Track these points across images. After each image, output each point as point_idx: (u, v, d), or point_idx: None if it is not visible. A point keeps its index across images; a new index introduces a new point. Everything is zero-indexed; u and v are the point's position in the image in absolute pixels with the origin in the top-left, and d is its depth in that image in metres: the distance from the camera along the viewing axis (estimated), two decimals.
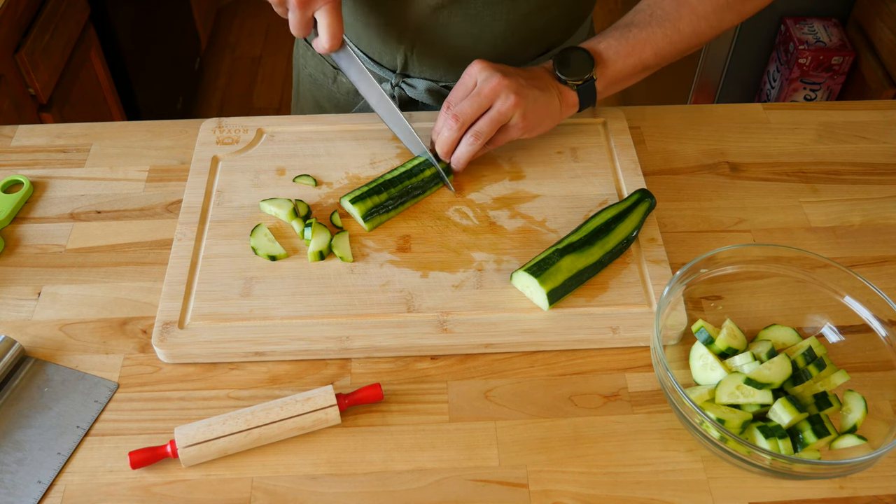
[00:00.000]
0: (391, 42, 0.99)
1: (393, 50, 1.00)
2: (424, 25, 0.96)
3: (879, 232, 0.89)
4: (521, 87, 0.84)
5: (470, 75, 0.86)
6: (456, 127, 0.85)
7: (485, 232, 0.86)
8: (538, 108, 0.86)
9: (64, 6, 1.75)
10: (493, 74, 0.84)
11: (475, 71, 0.85)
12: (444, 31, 0.96)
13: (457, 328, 0.77)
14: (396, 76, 1.02)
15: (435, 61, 1.00)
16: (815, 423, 0.68)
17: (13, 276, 0.84)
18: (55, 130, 1.00)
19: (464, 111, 0.84)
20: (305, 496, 0.68)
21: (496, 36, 0.96)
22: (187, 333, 0.77)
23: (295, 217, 0.86)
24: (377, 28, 0.99)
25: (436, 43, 0.98)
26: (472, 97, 0.84)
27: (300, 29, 0.86)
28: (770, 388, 0.69)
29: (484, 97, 0.84)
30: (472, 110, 0.84)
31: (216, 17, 3.02)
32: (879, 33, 1.90)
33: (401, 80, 1.02)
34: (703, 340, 0.74)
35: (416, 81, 1.02)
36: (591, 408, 0.74)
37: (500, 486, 0.68)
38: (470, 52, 0.97)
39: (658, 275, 0.81)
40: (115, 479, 0.69)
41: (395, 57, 1.01)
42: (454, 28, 0.95)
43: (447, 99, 0.87)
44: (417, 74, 1.02)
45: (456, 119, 0.85)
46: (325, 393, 0.71)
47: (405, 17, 0.96)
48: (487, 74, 0.84)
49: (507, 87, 0.83)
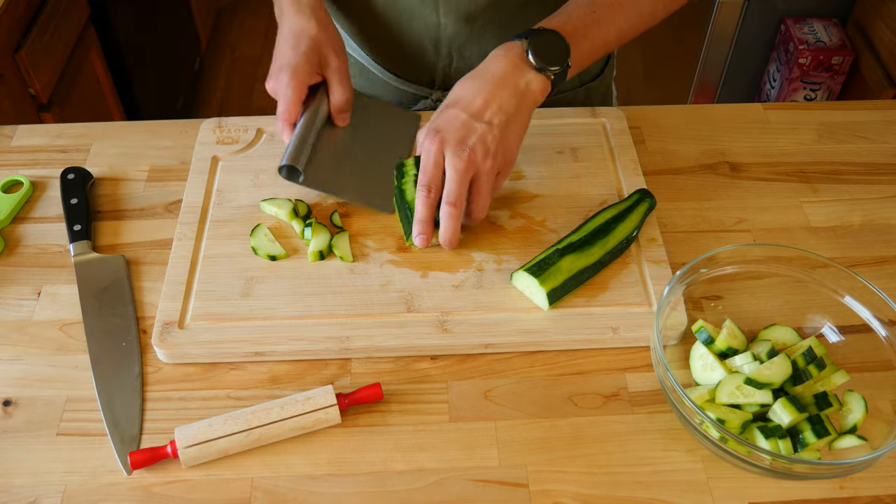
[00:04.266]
0: (427, 59, 1.00)
1: (430, 67, 1.00)
2: (459, 37, 0.96)
3: (879, 232, 0.89)
4: (462, 138, 0.78)
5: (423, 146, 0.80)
6: (427, 202, 0.80)
7: (485, 232, 0.86)
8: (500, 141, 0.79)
9: (64, 6, 1.75)
10: (432, 140, 0.78)
11: (421, 140, 0.80)
12: (479, 41, 0.96)
13: (457, 328, 0.77)
14: (436, 91, 1.03)
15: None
16: (815, 424, 0.68)
17: (13, 276, 0.84)
18: (55, 130, 1.00)
19: (424, 185, 0.79)
20: (305, 496, 0.68)
21: None
22: (187, 333, 0.77)
23: (295, 217, 0.86)
24: (411, 48, 0.99)
25: (472, 53, 0.98)
26: (422, 172, 0.79)
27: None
28: (770, 388, 0.69)
29: (432, 168, 0.78)
30: (433, 184, 0.79)
31: (216, 17, 3.02)
32: (879, 33, 1.90)
33: (441, 95, 1.03)
34: (703, 340, 0.74)
35: None
36: (591, 408, 0.74)
37: (500, 486, 0.68)
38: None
39: (658, 275, 0.81)
40: (115, 479, 0.69)
41: (432, 74, 1.01)
42: (488, 36, 0.96)
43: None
44: None
45: (427, 193, 0.79)
46: (325, 393, 0.71)
47: (439, 33, 0.96)
48: (428, 142, 0.78)
49: (449, 146, 0.78)
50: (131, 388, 0.74)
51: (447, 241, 0.81)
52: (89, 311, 0.80)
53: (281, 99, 0.84)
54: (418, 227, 0.81)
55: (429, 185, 0.79)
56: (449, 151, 0.77)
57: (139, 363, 0.76)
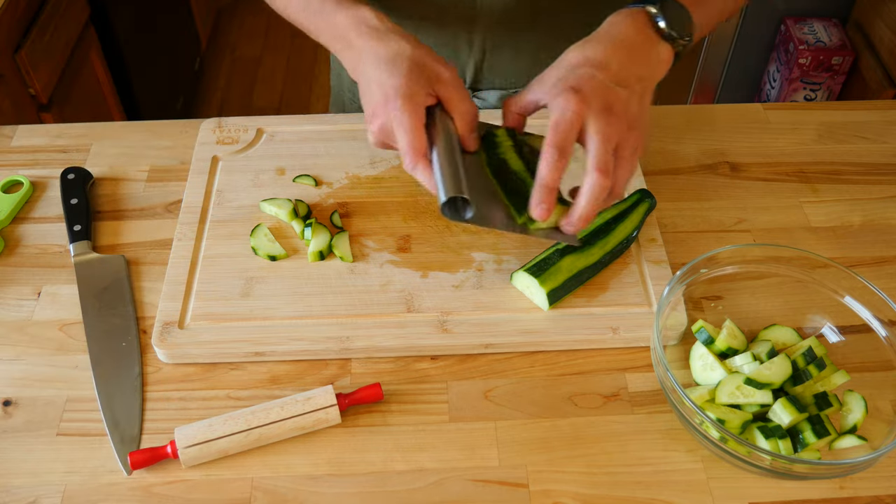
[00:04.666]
0: (460, 57, 0.99)
1: (462, 65, 1.00)
2: (494, 35, 0.96)
3: (879, 232, 0.89)
4: (608, 103, 0.68)
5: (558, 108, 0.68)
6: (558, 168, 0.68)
7: (485, 232, 0.86)
8: (640, 112, 0.71)
9: (64, 6, 1.74)
10: (569, 98, 0.67)
11: (547, 94, 0.70)
12: (514, 38, 0.96)
13: (457, 328, 0.77)
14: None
15: (505, 70, 0.99)
16: (815, 424, 0.68)
17: (13, 276, 0.84)
18: (55, 130, 1.00)
19: (555, 145, 0.68)
20: (305, 496, 0.68)
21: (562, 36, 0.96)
22: (187, 333, 0.77)
23: (295, 217, 0.86)
24: (444, 46, 0.98)
25: (506, 50, 0.97)
26: (555, 130, 0.68)
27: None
28: (770, 388, 0.69)
29: (569, 128, 0.68)
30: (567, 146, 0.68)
31: (216, 17, 3.02)
32: (879, 33, 1.90)
33: (471, 94, 1.02)
34: (703, 340, 0.74)
35: (487, 94, 1.02)
36: (591, 408, 0.74)
37: (500, 486, 0.68)
38: (539, 54, 0.98)
39: (658, 275, 0.81)
40: (115, 479, 0.69)
41: (464, 71, 1.00)
42: (523, 35, 0.95)
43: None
44: (487, 86, 1.02)
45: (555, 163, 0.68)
46: (325, 393, 0.71)
47: (474, 30, 0.95)
48: (564, 100, 0.67)
49: (592, 110, 0.67)
50: (131, 388, 0.74)
51: (586, 216, 0.69)
52: (89, 311, 0.80)
53: (399, 130, 0.69)
54: (542, 194, 0.67)
55: (562, 146, 0.67)
56: (592, 115, 0.67)
57: (139, 363, 0.76)
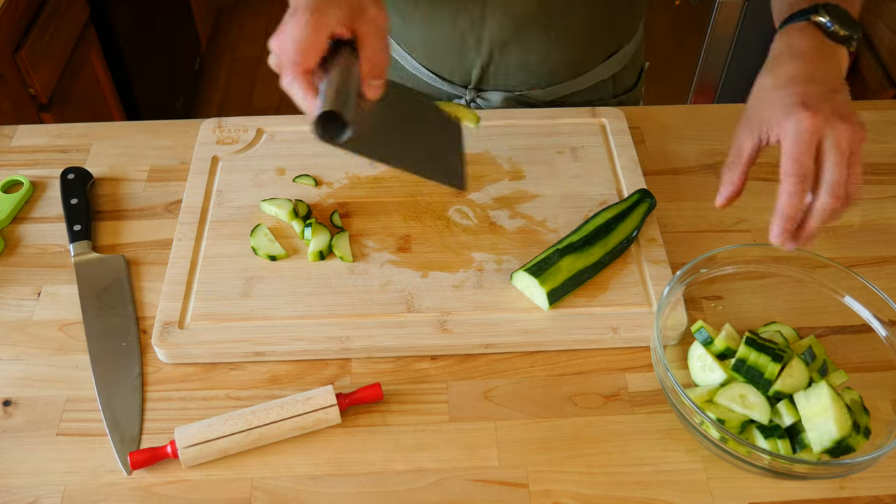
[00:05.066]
0: (467, 58, 0.99)
1: (468, 65, 1.00)
2: (503, 35, 0.96)
3: (879, 232, 0.89)
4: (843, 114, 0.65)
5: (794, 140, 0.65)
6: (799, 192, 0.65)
7: (485, 232, 0.86)
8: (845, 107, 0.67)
9: (64, 6, 1.75)
10: (802, 114, 0.64)
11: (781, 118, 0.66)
12: (523, 40, 0.96)
13: (457, 328, 0.77)
14: (470, 91, 1.02)
15: (511, 72, 1.00)
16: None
17: (13, 276, 0.84)
18: (55, 130, 1.00)
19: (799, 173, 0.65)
20: (305, 496, 0.68)
21: (571, 39, 0.97)
22: (187, 333, 0.77)
23: (295, 217, 0.86)
24: (452, 45, 0.98)
25: (514, 51, 0.97)
26: (795, 157, 0.65)
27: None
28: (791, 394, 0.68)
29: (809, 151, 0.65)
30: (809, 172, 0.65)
31: (216, 17, 3.02)
32: (879, 33, 1.90)
33: (476, 95, 1.02)
34: (702, 341, 0.74)
35: (491, 94, 1.02)
36: (591, 408, 0.74)
37: (500, 486, 0.68)
38: (548, 57, 0.98)
39: (658, 275, 0.81)
40: (115, 479, 0.69)
41: (469, 72, 1.00)
42: (532, 36, 0.96)
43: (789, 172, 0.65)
44: (493, 87, 1.02)
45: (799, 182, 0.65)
46: (325, 393, 0.71)
47: (484, 32, 0.95)
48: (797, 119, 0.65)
49: (829, 123, 0.64)
50: (131, 388, 0.74)
51: (813, 235, 0.67)
52: (89, 311, 0.80)
53: (290, 42, 0.63)
54: (783, 224, 0.65)
55: (804, 172, 0.64)
56: (829, 128, 0.64)
57: (139, 363, 0.76)
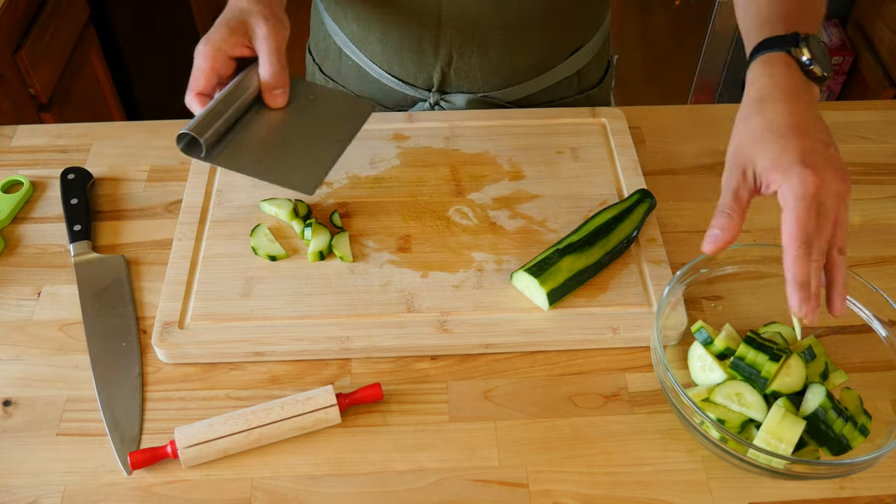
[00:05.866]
0: (427, 61, 0.99)
1: (429, 69, 1.00)
2: (460, 38, 0.96)
3: (879, 232, 0.89)
4: (839, 173, 0.64)
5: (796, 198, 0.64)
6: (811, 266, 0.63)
7: (485, 232, 0.86)
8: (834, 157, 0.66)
9: (64, 6, 1.74)
10: (804, 177, 0.63)
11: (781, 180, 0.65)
12: (481, 42, 0.96)
13: (457, 328, 0.77)
14: (434, 94, 1.02)
15: (473, 73, 1.00)
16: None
17: (13, 276, 0.84)
18: (55, 130, 1.00)
19: (805, 242, 0.63)
20: (305, 496, 0.68)
21: (531, 41, 0.97)
22: (187, 333, 0.77)
23: (295, 217, 0.86)
24: (411, 51, 0.99)
25: (474, 55, 0.98)
26: (801, 224, 0.63)
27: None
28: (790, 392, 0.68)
29: (816, 217, 0.63)
30: (815, 240, 0.63)
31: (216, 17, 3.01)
32: (879, 33, 1.90)
33: (440, 98, 1.02)
34: (702, 341, 0.74)
35: (455, 97, 1.02)
36: (591, 408, 0.74)
37: (500, 486, 0.68)
38: (508, 59, 0.98)
39: (658, 275, 0.81)
40: (115, 479, 0.69)
41: (431, 75, 1.01)
42: (493, 38, 0.96)
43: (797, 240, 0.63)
44: (455, 89, 1.02)
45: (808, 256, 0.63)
46: (325, 393, 0.71)
47: (442, 35, 0.96)
48: (799, 180, 0.63)
49: (829, 185, 0.63)
50: (131, 388, 0.74)
51: (842, 307, 0.65)
52: (89, 311, 0.80)
53: (193, 69, 0.78)
54: (802, 294, 0.63)
55: (809, 239, 0.62)
56: (829, 194, 0.63)
57: (139, 363, 0.76)
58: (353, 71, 1.06)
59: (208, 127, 0.76)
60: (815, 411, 0.66)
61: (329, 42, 1.07)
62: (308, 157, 0.80)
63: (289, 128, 0.81)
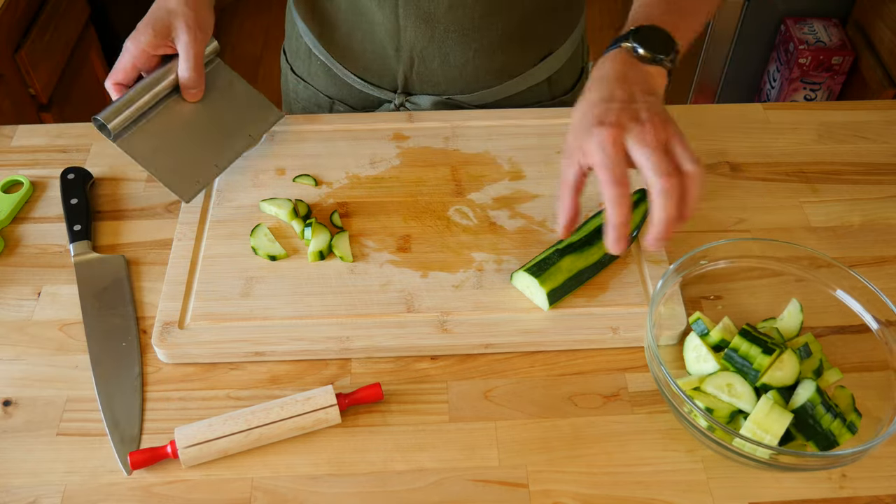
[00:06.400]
0: (389, 64, 0.99)
1: (392, 71, 1.00)
2: (420, 41, 0.96)
3: (879, 232, 0.89)
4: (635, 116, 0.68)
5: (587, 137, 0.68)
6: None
7: (485, 232, 0.86)
8: (664, 112, 0.70)
9: (64, 6, 1.75)
10: (600, 129, 0.67)
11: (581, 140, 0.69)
12: (441, 45, 0.96)
13: (457, 328, 0.77)
14: (399, 95, 1.02)
15: (436, 76, 1.00)
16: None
17: (13, 276, 0.84)
18: (55, 130, 1.00)
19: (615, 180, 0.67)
20: (305, 496, 0.68)
21: (493, 46, 0.97)
22: (187, 333, 0.77)
23: (295, 217, 0.86)
24: (374, 53, 0.99)
25: (435, 58, 0.98)
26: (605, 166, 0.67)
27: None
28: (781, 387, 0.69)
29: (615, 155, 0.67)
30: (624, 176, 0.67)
31: (216, 17, 3.02)
32: (879, 33, 1.90)
33: (405, 99, 1.02)
34: (699, 332, 0.74)
35: (419, 98, 1.02)
36: (591, 408, 0.74)
37: (500, 486, 0.68)
38: (470, 63, 0.98)
39: (658, 275, 0.81)
40: (115, 479, 0.69)
41: (395, 77, 1.01)
42: (450, 40, 0.96)
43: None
44: (420, 91, 1.02)
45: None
46: (325, 393, 0.71)
47: (402, 38, 0.96)
48: (598, 135, 0.67)
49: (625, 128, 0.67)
50: (131, 388, 0.74)
51: (667, 232, 0.67)
52: (89, 311, 0.80)
53: (116, 62, 0.86)
54: (617, 233, 0.67)
55: (618, 178, 0.66)
56: (628, 133, 0.66)
57: (139, 363, 0.76)
58: (321, 70, 1.06)
59: (118, 114, 0.85)
60: (803, 405, 0.66)
61: (300, 42, 1.07)
62: (202, 158, 0.88)
63: (196, 122, 0.89)
